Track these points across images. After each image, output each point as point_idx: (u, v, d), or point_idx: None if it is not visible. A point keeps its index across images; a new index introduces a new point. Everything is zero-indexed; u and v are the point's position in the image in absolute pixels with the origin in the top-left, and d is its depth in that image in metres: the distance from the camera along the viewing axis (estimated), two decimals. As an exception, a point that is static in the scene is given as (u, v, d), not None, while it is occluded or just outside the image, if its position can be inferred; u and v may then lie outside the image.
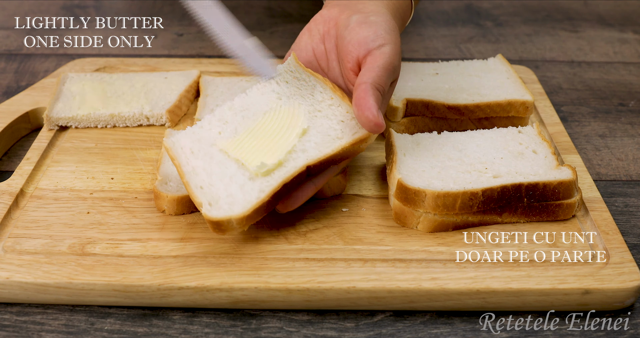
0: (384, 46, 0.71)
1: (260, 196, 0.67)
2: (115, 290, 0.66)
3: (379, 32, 0.71)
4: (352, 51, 0.71)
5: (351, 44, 0.72)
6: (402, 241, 0.71)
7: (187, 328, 0.66)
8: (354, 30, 0.72)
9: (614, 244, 0.71)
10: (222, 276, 0.66)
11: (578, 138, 0.95)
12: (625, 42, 1.23)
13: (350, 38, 0.72)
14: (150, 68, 1.03)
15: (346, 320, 0.67)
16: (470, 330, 0.66)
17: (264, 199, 0.66)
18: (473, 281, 0.66)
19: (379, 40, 0.71)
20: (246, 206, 0.66)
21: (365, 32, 0.71)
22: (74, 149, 0.85)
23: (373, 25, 0.72)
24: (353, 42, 0.71)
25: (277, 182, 0.67)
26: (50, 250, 0.69)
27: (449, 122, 0.87)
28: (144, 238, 0.71)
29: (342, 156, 0.71)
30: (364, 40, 0.71)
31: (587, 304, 0.67)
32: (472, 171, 0.74)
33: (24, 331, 0.65)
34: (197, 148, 0.71)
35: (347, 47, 0.72)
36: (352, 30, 0.72)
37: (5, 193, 0.77)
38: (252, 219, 0.67)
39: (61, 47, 1.17)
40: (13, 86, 1.05)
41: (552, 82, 1.10)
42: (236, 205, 0.66)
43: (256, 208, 0.66)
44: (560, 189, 0.72)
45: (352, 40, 0.71)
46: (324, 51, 0.76)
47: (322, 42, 0.76)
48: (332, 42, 0.75)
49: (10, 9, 1.31)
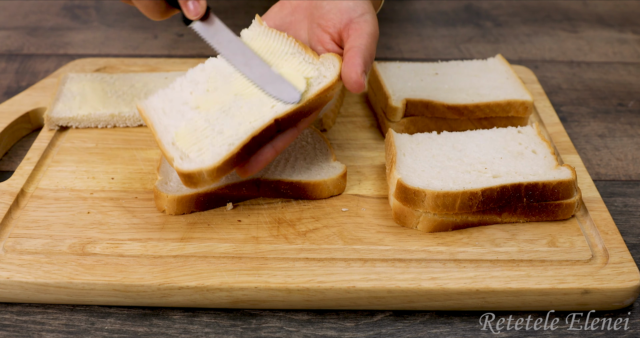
0: (365, 14, 0.74)
1: (230, 148, 0.68)
2: (115, 290, 0.66)
3: (358, 2, 0.74)
4: (334, 19, 0.74)
5: (332, 12, 0.74)
6: (402, 241, 0.71)
7: (187, 328, 0.66)
8: (333, 1, 0.74)
9: (613, 244, 0.71)
10: (222, 276, 0.66)
11: (577, 138, 0.95)
12: (624, 43, 1.23)
13: (330, 7, 0.74)
14: (150, 68, 1.04)
15: (346, 320, 0.67)
16: (470, 330, 0.66)
17: (233, 151, 0.68)
18: (472, 281, 0.66)
19: (359, 10, 0.74)
20: (216, 158, 0.67)
21: (345, 2, 0.74)
22: (74, 149, 0.85)
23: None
24: (334, 11, 0.74)
25: (246, 135, 0.69)
26: (51, 249, 0.69)
27: (449, 122, 0.87)
28: (144, 238, 0.71)
29: (310, 107, 0.72)
30: (345, 9, 0.74)
31: (586, 304, 0.67)
32: (472, 171, 0.74)
33: (24, 331, 0.65)
34: (169, 108, 0.73)
35: (327, 15, 0.74)
36: (330, 1, 0.75)
37: (5, 193, 0.77)
38: (222, 171, 0.67)
39: (61, 48, 1.18)
40: (13, 86, 1.06)
41: (551, 82, 1.10)
42: (207, 158, 0.67)
43: (226, 160, 0.67)
44: (559, 189, 0.72)
45: (333, 9, 0.74)
46: (291, 21, 0.78)
47: (292, 14, 0.78)
48: (303, 14, 0.78)
49: (11, 9, 1.31)
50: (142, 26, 1.25)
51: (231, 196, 0.76)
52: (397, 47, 1.21)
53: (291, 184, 0.76)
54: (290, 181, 0.76)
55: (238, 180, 0.76)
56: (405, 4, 1.39)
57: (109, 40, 1.20)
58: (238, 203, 0.77)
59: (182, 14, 0.75)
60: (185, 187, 0.70)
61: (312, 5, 0.77)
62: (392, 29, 1.27)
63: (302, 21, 0.78)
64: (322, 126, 0.90)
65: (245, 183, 0.76)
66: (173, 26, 1.25)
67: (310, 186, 0.76)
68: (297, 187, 0.76)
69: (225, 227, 0.73)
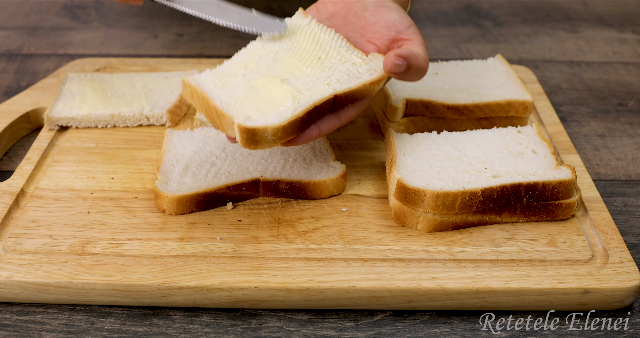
0: (411, 27, 0.75)
1: (294, 113, 0.68)
2: (115, 290, 0.66)
3: (402, 14, 0.76)
4: (380, 31, 0.75)
5: (378, 24, 0.75)
6: (402, 240, 0.72)
7: (187, 328, 0.66)
8: (377, 13, 0.75)
9: (613, 244, 0.71)
10: (222, 276, 0.66)
11: (577, 137, 0.95)
12: (624, 42, 1.23)
13: (374, 19, 0.75)
14: (150, 68, 1.04)
15: (346, 320, 0.67)
16: (470, 330, 0.66)
17: (298, 115, 0.68)
18: (472, 281, 0.66)
19: (405, 23, 0.75)
20: (281, 119, 0.68)
21: (390, 15, 0.75)
22: (74, 149, 0.86)
23: (392, 8, 0.76)
24: (381, 23, 0.75)
25: (308, 103, 0.70)
26: (51, 249, 0.70)
27: (449, 122, 0.87)
28: (144, 238, 0.71)
29: (362, 93, 0.73)
30: (392, 22, 0.75)
31: (586, 304, 0.67)
32: (472, 171, 0.74)
33: (24, 330, 0.65)
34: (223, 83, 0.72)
35: (372, 27, 0.76)
36: (374, 13, 0.76)
37: (5, 192, 0.77)
38: (286, 133, 0.68)
39: (61, 48, 1.18)
40: (13, 86, 1.06)
41: (551, 82, 1.10)
42: (271, 118, 0.68)
43: (292, 121, 0.68)
44: (559, 189, 0.72)
45: (379, 21, 0.75)
46: (331, 26, 0.79)
47: (330, 20, 0.79)
48: (341, 21, 0.78)
49: (11, 9, 1.31)
50: (142, 26, 1.25)
51: (231, 196, 0.76)
52: (397, 47, 1.21)
53: (291, 184, 0.76)
54: (290, 181, 0.76)
55: (238, 180, 0.76)
56: (406, 4, 1.39)
57: (109, 40, 1.20)
58: (238, 203, 0.77)
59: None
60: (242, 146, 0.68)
61: (352, 13, 0.77)
62: (392, 29, 1.27)
63: (340, 29, 0.78)
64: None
65: (245, 183, 0.76)
66: (173, 26, 1.25)
67: (310, 186, 0.76)
68: (297, 187, 0.76)
69: (225, 227, 0.73)
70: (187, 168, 0.78)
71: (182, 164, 0.79)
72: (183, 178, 0.77)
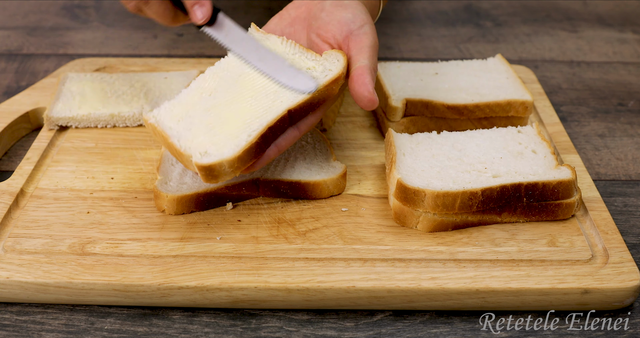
0: (364, 25, 0.74)
1: (248, 139, 0.68)
2: (115, 290, 0.66)
3: (356, 13, 0.74)
4: (333, 30, 0.74)
5: (331, 24, 0.75)
6: (402, 240, 0.71)
7: (187, 328, 0.66)
8: (332, 12, 0.75)
9: (613, 244, 0.71)
10: (222, 276, 0.66)
11: (577, 137, 0.95)
12: (624, 42, 1.23)
13: (329, 19, 0.75)
14: (150, 68, 1.04)
15: (346, 320, 0.67)
16: (470, 330, 0.66)
17: (252, 141, 0.68)
18: (472, 281, 0.66)
19: (358, 21, 0.74)
20: (236, 149, 0.68)
21: (344, 14, 0.74)
22: (74, 149, 0.85)
23: (349, 7, 0.75)
24: (334, 23, 0.74)
25: (262, 126, 0.69)
26: (50, 249, 0.69)
27: (449, 122, 0.87)
28: (144, 238, 0.71)
29: (321, 97, 0.72)
30: (344, 21, 0.74)
31: (586, 304, 0.67)
32: (472, 170, 0.74)
33: (24, 330, 0.65)
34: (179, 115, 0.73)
35: (326, 27, 0.75)
36: (329, 13, 0.75)
37: (5, 192, 0.77)
38: (243, 161, 0.68)
39: (61, 47, 1.18)
40: (13, 86, 1.06)
41: (551, 82, 1.10)
42: (226, 150, 0.68)
43: (246, 149, 0.68)
44: (559, 189, 0.72)
45: (332, 20, 0.75)
46: (290, 32, 0.79)
47: (291, 25, 0.79)
48: (302, 25, 0.78)
49: (11, 9, 1.31)
50: (142, 26, 1.25)
51: (231, 196, 0.76)
52: (397, 47, 1.21)
53: (291, 184, 0.76)
54: (290, 181, 0.76)
55: (238, 180, 0.76)
56: (405, 4, 1.39)
57: (108, 40, 1.20)
58: (238, 203, 0.77)
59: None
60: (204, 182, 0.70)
61: (310, 16, 0.77)
62: (392, 29, 1.27)
63: (301, 32, 0.78)
64: (322, 126, 0.90)
65: (245, 183, 0.76)
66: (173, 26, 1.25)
67: (310, 186, 0.76)
68: (297, 187, 0.76)
69: (225, 227, 0.73)
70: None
71: (181, 164, 0.78)
72: (183, 178, 0.77)
